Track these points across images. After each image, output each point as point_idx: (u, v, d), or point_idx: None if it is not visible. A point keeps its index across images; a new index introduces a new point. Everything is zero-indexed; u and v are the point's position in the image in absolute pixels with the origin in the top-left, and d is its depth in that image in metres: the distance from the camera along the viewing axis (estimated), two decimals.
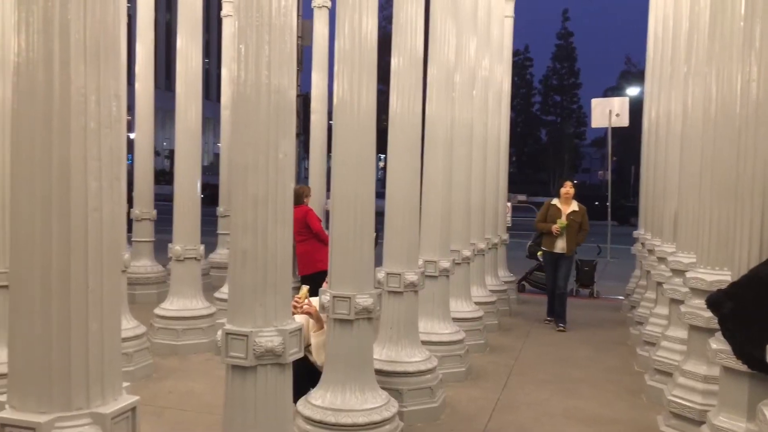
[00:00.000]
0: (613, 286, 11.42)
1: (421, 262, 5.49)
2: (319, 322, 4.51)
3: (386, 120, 4.91)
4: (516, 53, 59.51)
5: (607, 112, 14.31)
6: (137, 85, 9.03)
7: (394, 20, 4.86)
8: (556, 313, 8.34)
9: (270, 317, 3.04)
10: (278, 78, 3.02)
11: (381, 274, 4.89)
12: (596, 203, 22.70)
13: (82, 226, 2.04)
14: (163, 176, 32.44)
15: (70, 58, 2.01)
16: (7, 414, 1.99)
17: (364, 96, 4.10)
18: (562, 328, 8.21)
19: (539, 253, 9.21)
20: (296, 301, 4.43)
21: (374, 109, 4.18)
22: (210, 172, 27.99)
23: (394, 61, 4.85)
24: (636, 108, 14.11)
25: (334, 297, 4.12)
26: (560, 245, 8.25)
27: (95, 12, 2.06)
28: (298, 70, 10.80)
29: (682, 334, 5.00)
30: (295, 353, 3.12)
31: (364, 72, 4.08)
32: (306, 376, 4.34)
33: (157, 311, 6.73)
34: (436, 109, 5.69)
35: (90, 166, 2.05)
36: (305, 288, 4.61)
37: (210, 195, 20.04)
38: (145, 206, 9.47)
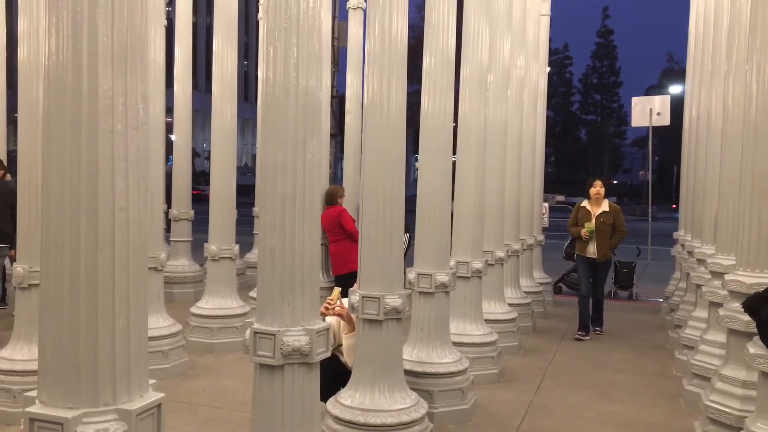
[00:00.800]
0: (653, 288, 11.19)
1: (453, 262, 5.45)
2: (350, 323, 4.51)
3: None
4: (555, 52, 58.86)
5: (647, 111, 14.04)
6: (176, 87, 9.19)
7: (426, 20, 4.83)
8: (593, 317, 8.09)
9: (297, 317, 3.05)
10: (306, 79, 3.03)
11: (412, 275, 4.88)
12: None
13: (109, 225, 2.08)
14: (203, 177, 33.01)
15: (98, 62, 2.05)
16: (37, 409, 2.05)
17: (394, 96, 4.09)
18: (598, 331, 8.06)
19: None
20: (328, 303, 4.44)
21: (404, 109, 4.17)
22: (250, 173, 28.33)
23: (426, 61, 4.83)
24: (678, 107, 13.79)
25: (364, 297, 4.12)
26: (591, 250, 7.85)
27: (123, 17, 2.10)
28: (334, 72, 10.88)
29: (721, 338, 4.87)
30: (322, 353, 3.12)
31: (394, 72, 4.08)
32: (337, 376, 4.36)
33: (192, 310, 6.84)
34: (469, 109, 5.65)
35: (117, 167, 2.10)
36: (337, 290, 4.62)
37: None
38: (182, 206, 9.63)
